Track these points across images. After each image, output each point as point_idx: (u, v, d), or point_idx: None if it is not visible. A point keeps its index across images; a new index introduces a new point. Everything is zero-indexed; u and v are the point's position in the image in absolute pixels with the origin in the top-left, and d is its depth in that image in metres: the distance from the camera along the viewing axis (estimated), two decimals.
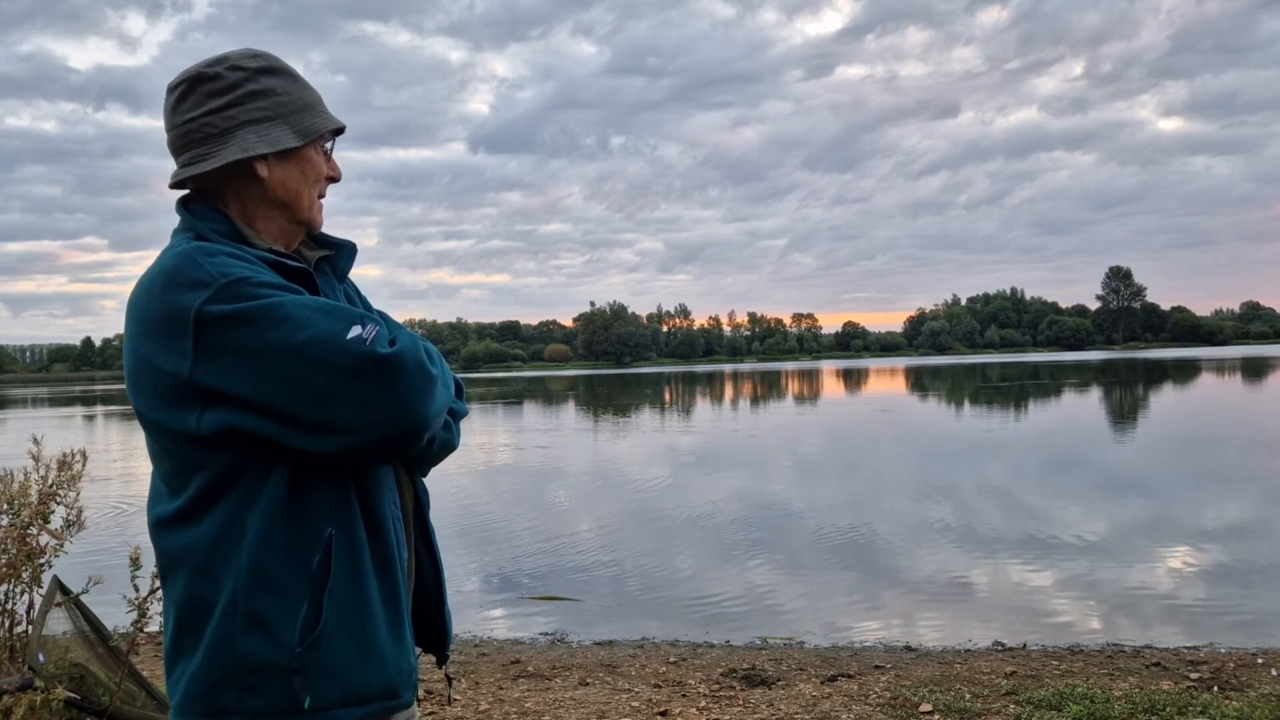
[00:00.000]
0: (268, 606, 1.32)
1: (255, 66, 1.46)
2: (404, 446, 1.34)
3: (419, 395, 1.31)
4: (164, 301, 1.31)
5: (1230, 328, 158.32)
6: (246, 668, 1.31)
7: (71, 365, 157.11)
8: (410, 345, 1.33)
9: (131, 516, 11.86)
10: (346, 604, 1.35)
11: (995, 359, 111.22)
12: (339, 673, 1.34)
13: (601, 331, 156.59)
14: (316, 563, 1.33)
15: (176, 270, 1.32)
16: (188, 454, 1.34)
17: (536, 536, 10.43)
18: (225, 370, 1.28)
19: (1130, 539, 9.42)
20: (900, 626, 6.68)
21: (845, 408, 33.92)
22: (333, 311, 1.31)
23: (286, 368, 1.26)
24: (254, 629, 1.31)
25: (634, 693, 5.00)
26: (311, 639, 1.32)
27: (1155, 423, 23.63)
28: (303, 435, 1.29)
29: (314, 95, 1.52)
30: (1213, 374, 49.59)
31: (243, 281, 1.29)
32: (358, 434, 1.29)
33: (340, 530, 1.36)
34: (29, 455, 3.77)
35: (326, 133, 1.52)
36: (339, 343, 1.27)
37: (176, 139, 1.46)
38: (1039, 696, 4.62)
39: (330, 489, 1.36)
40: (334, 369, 1.27)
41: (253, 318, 1.27)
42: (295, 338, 1.27)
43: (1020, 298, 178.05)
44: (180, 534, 1.36)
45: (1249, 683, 4.91)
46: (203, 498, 1.34)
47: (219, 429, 1.29)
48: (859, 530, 10.20)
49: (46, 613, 3.42)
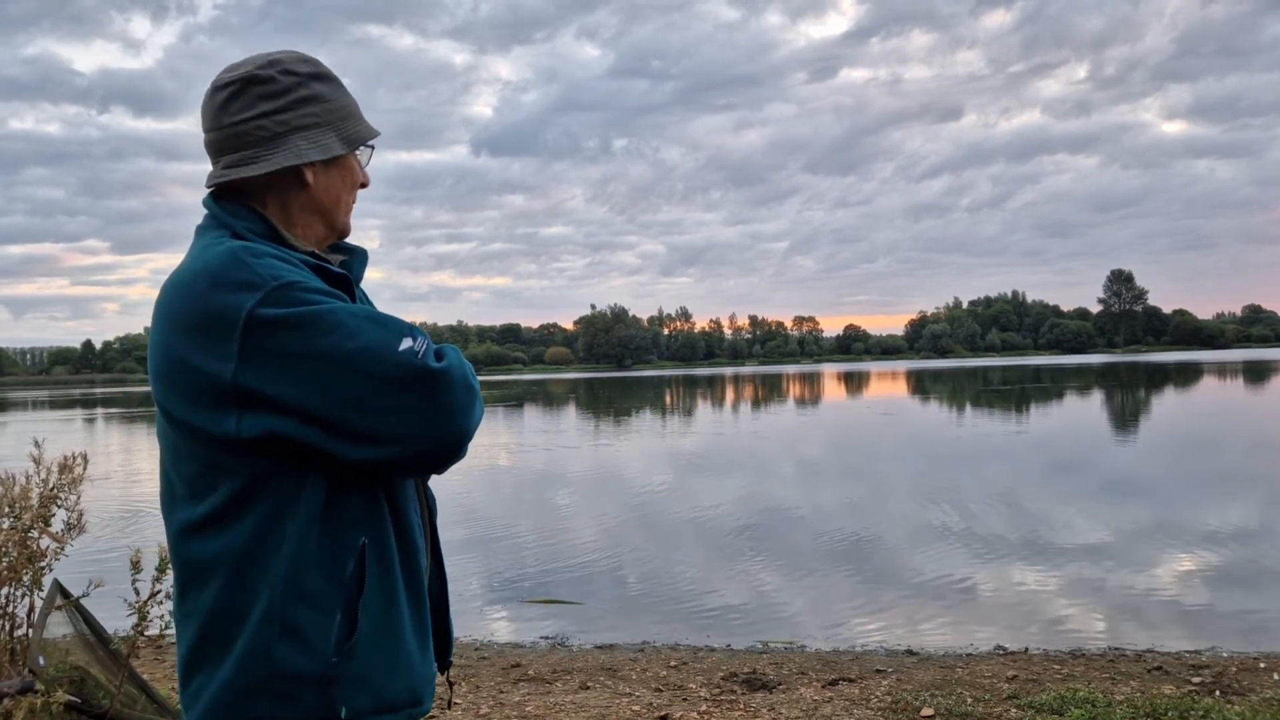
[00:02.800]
0: (303, 616, 1.30)
1: (306, 72, 1.45)
2: (444, 460, 1.34)
3: (463, 410, 1.32)
4: (208, 300, 1.28)
5: (1232, 331, 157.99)
6: (281, 677, 1.29)
7: (72, 368, 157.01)
8: (457, 360, 1.33)
9: (133, 519, 11.86)
10: (379, 613, 1.35)
11: (996, 362, 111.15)
12: (371, 681, 1.34)
13: (602, 334, 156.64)
14: (350, 572, 1.33)
15: (223, 269, 1.30)
16: (218, 457, 1.31)
17: (537, 540, 10.43)
18: (271, 375, 1.26)
19: (1132, 543, 9.41)
20: (901, 630, 6.68)
21: (846, 411, 33.91)
22: (382, 322, 1.30)
23: (335, 376, 1.26)
24: (289, 638, 1.29)
25: (635, 696, 5.00)
26: (347, 649, 1.32)
27: (1156, 426, 23.63)
28: (345, 444, 1.28)
29: (354, 101, 1.53)
30: (1214, 377, 49.56)
31: (294, 286, 1.28)
32: (401, 445, 1.28)
33: (373, 539, 1.35)
34: (30, 458, 3.77)
35: (369, 141, 1.53)
36: (390, 354, 1.27)
37: (222, 139, 1.43)
38: (1041, 700, 4.62)
39: (364, 498, 1.35)
40: (384, 380, 1.26)
41: (304, 323, 1.26)
42: (346, 346, 1.26)
43: (1022, 301, 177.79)
44: (210, 540, 1.32)
45: (1251, 687, 4.90)
46: (234, 503, 1.31)
47: (260, 434, 1.27)
48: (860, 534, 10.20)
49: (47, 616, 3.42)
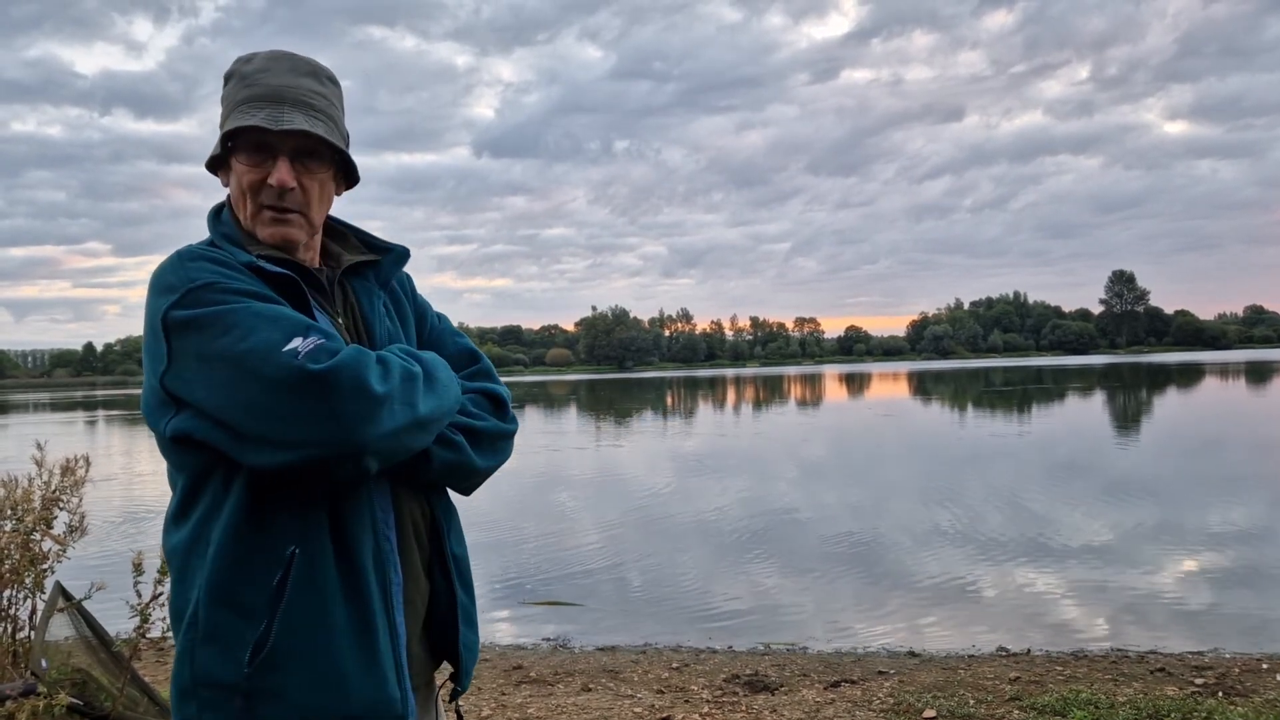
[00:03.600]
0: (224, 622, 1.29)
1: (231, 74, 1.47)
2: (343, 468, 1.26)
3: (354, 416, 1.23)
4: (149, 305, 1.34)
5: (1234, 332, 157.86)
6: (203, 683, 1.30)
7: (73, 370, 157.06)
8: (349, 362, 1.24)
9: (134, 522, 11.86)
10: (302, 627, 1.29)
11: (998, 363, 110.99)
12: (290, 697, 1.29)
13: (603, 336, 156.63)
14: (276, 581, 1.29)
15: (160, 274, 1.35)
16: (171, 458, 1.38)
17: (538, 541, 10.42)
18: (183, 376, 1.28)
19: (1134, 544, 9.40)
20: (904, 632, 6.67)
21: (847, 412, 33.88)
22: (278, 321, 1.26)
23: (230, 378, 1.24)
24: (210, 643, 1.30)
25: (637, 699, 4.99)
26: (261, 659, 1.28)
27: (1159, 427, 23.60)
28: (244, 448, 1.26)
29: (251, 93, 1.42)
30: (1216, 378, 49.50)
31: (207, 287, 1.28)
32: (295, 451, 1.23)
33: (304, 550, 1.30)
34: (32, 460, 3.77)
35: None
36: (274, 355, 1.23)
37: None
38: (1043, 702, 4.61)
39: (296, 506, 1.31)
40: (267, 382, 1.22)
41: (205, 324, 1.26)
42: (237, 347, 1.24)
43: (1023, 302, 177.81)
44: (170, 535, 1.39)
45: (1254, 688, 4.89)
46: (185, 501, 1.36)
47: (177, 434, 1.31)
48: (862, 535, 10.18)
49: (49, 618, 3.42)
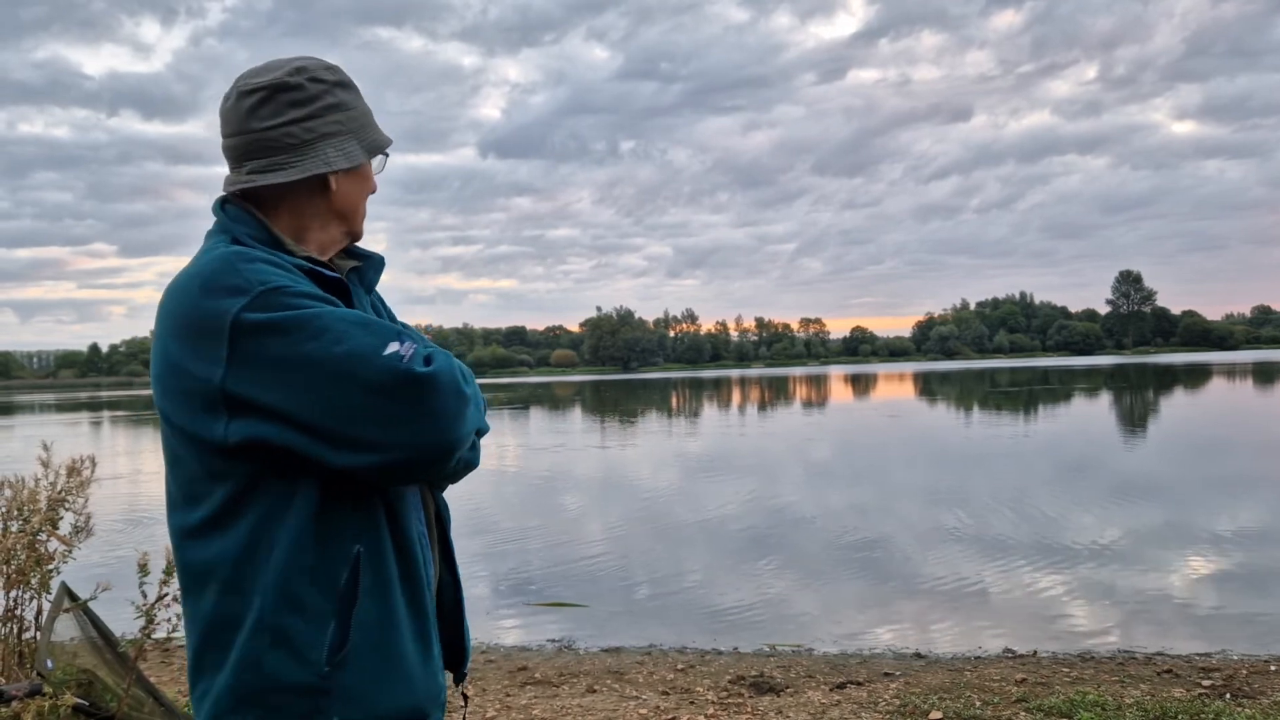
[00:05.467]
0: (294, 625, 1.29)
1: (332, 79, 1.46)
2: (433, 467, 1.32)
3: (452, 416, 1.29)
4: (200, 306, 1.29)
5: (1241, 332, 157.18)
6: (272, 688, 1.29)
7: (78, 371, 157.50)
8: (446, 365, 1.31)
9: (140, 522, 11.90)
10: (373, 624, 1.33)
11: (1004, 364, 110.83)
12: (365, 694, 1.32)
13: (608, 337, 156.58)
14: (344, 581, 1.31)
15: (214, 275, 1.31)
16: (212, 462, 1.31)
17: (544, 542, 10.42)
18: (257, 380, 1.26)
19: (1142, 545, 9.37)
20: (910, 633, 6.66)
21: (853, 413, 33.85)
22: (370, 326, 1.29)
23: (320, 381, 1.25)
24: (280, 647, 1.29)
25: (642, 700, 4.99)
26: (338, 659, 1.30)
27: (1166, 428, 23.53)
28: (332, 450, 1.27)
29: (369, 108, 1.54)
30: (1224, 379, 49.37)
31: (281, 290, 1.28)
32: (387, 452, 1.27)
33: (368, 548, 1.34)
34: (38, 461, 3.78)
35: (385, 149, 1.54)
36: (375, 359, 1.25)
37: (247, 144, 1.42)
38: (1050, 704, 4.60)
39: (358, 506, 1.34)
40: (368, 385, 1.25)
41: (289, 328, 1.26)
42: (332, 351, 1.25)
43: (1029, 302, 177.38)
44: (205, 546, 1.33)
45: (1262, 690, 4.87)
46: (228, 508, 1.32)
47: (245, 439, 1.27)
48: (867, 536, 10.17)
49: (55, 619, 3.43)
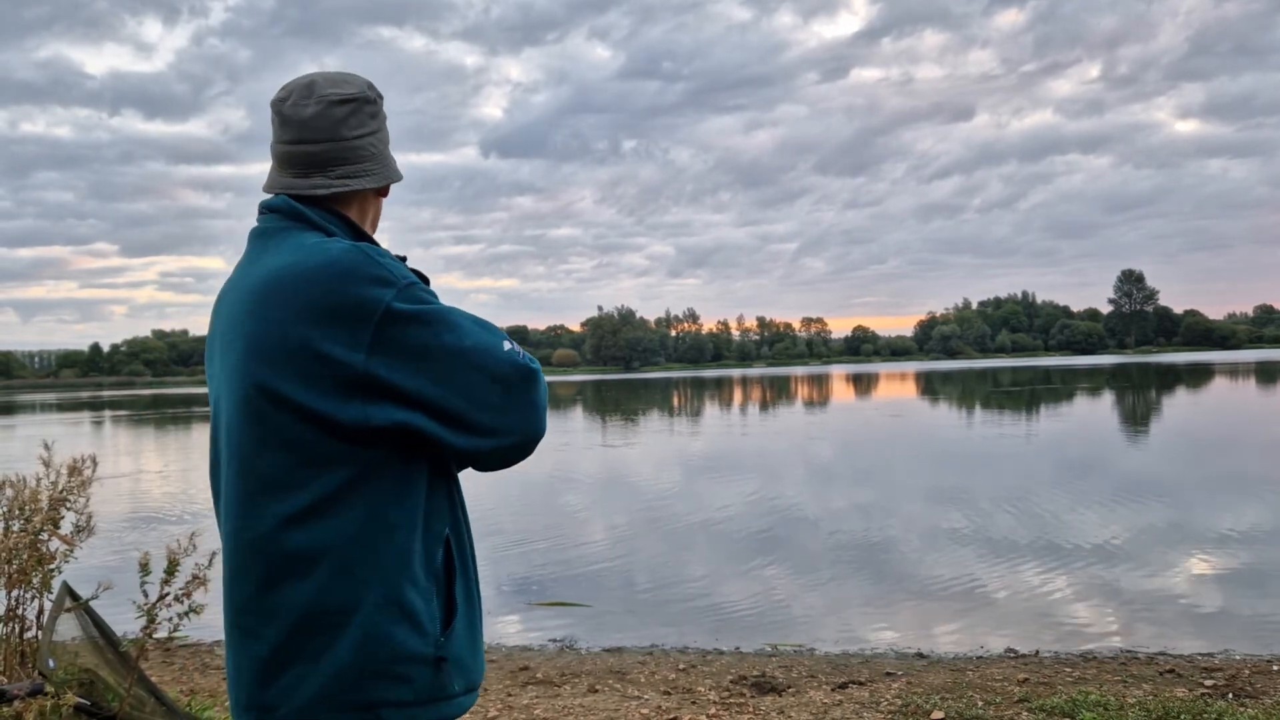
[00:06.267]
0: (415, 600, 1.39)
1: (380, 96, 1.60)
2: (525, 452, 1.47)
3: (544, 408, 1.48)
4: (345, 292, 1.36)
5: (1243, 332, 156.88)
6: (401, 658, 1.37)
7: (80, 371, 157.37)
8: (538, 364, 1.49)
9: (142, 522, 11.91)
10: (461, 600, 1.47)
11: (1006, 363, 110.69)
12: (464, 664, 1.46)
13: (609, 336, 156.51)
14: (440, 560, 1.44)
15: (356, 265, 1.38)
16: (329, 445, 1.35)
17: (545, 542, 10.42)
18: (399, 365, 1.36)
19: (1144, 545, 9.36)
20: (912, 633, 6.65)
21: (855, 413, 33.84)
22: (487, 325, 1.45)
23: (454, 370, 1.38)
24: (405, 621, 1.38)
25: (643, 700, 4.99)
26: (448, 632, 1.43)
27: (1168, 428, 23.51)
28: (457, 434, 1.40)
29: None
30: (1226, 379, 49.32)
31: (419, 286, 1.42)
32: (504, 437, 1.42)
33: (453, 530, 1.47)
34: (39, 460, 3.78)
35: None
36: (499, 353, 1.42)
37: (337, 151, 1.50)
38: (1052, 704, 4.59)
39: (447, 491, 1.48)
40: (492, 376, 1.40)
41: (431, 320, 1.39)
42: (464, 343, 1.40)
43: (1032, 302, 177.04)
44: (314, 529, 1.35)
45: (1264, 690, 4.86)
46: (342, 491, 1.36)
47: (388, 423, 1.36)
48: (869, 536, 10.16)
49: (56, 618, 3.43)
